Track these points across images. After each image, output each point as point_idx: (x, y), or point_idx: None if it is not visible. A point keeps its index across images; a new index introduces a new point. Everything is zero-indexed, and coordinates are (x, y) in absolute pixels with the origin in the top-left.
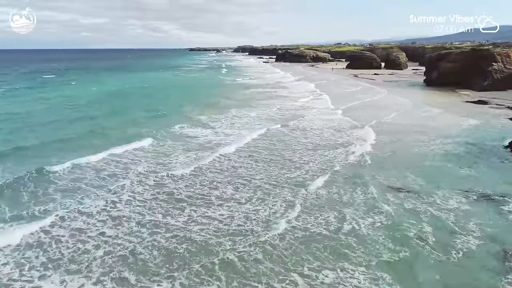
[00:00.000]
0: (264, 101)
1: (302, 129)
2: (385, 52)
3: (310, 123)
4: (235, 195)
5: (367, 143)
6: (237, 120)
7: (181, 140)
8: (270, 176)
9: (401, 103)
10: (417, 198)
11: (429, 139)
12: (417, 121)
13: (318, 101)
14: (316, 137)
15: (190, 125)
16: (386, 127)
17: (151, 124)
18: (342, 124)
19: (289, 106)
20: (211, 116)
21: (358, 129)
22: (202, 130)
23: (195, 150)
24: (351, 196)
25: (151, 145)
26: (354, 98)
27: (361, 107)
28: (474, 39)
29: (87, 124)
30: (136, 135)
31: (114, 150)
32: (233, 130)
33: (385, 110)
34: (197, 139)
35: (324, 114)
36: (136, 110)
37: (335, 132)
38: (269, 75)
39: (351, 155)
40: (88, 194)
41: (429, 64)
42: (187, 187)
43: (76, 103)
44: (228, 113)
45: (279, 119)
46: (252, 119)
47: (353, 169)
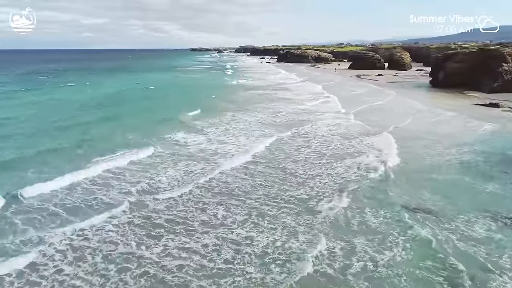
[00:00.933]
0: (271, 104)
1: (312, 136)
2: (388, 52)
3: (321, 128)
4: (225, 219)
5: (385, 153)
6: (244, 126)
7: (176, 149)
8: (269, 194)
9: (413, 106)
10: (437, 222)
11: (444, 148)
12: (429, 126)
13: (327, 104)
14: (328, 145)
15: (186, 131)
16: (405, 133)
17: (143, 132)
18: (356, 130)
19: (298, 110)
20: (214, 122)
21: (375, 135)
22: (199, 137)
23: (191, 161)
24: (361, 221)
25: (137, 159)
26: (364, 100)
27: (372, 111)
28: (476, 39)
29: (74, 133)
30: (124, 144)
31: (97, 167)
32: (238, 138)
33: (397, 114)
34: (197, 149)
35: (335, 118)
36: (129, 116)
37: (347, 140)
38: (273, 76)
39: (369, 167)
40: (54, 220)
41: (435, 64)
42: (169, 209)
43: (67, 107)
44: (234, 117)
45: (286, 124)
46: (259, 125)
47: (365, 185)
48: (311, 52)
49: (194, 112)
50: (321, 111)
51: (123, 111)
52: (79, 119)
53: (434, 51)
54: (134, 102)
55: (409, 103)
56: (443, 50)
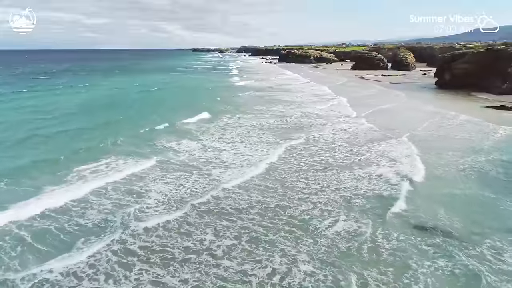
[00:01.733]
0: (280, 107)
1: (324, 143)
2: (392, 52)
3: (333, 134)
4: (211, 245)
5: (399, 162)
6: (252, 134)
7: (176, 162)
8: (265, 215)
9: (424, 109)
10: (459, 248)
11: (460, 156)
12: (444, 131)
13: (338, 108)
14: (335, 153)
15: (188, 140)
16: (421, 139)
17: (134, 140)
18: (371, 136)
19: (308, 113)
20: (219, 128)
21: (391, 142)
22: (204, 148)
23: (199, 176)
24: (372, 247)
25: (127, 174)
26: (373, 103)
27: (384, 114)
28: (479, 39)
29: (53, 145)
30: (111, 154)
31: (79, 186)
32: (248, 147)
33: (410, 118)
34: (193, 158)
35: (347, 123)
36: (123, 122)
37: (355, 147)
38: (279, 77)
39: (381, 179)
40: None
41: (442, 65)
42: (148, 233)
43: (56, 113)
44: (241, 123)
45: (297, 130)
46: (268, 132)
47: (375, 201)
48: (313, 52)
49: (198, 117)
50: (331, 114)
51: (117, 117)
52: (66, 126)
53: (438, 51)
54: (130, 106)
55: (420, 106)
56: (447, 50)
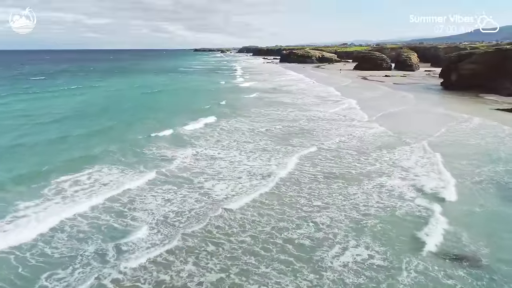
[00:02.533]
0: (289, 111)
1: (338, 151)
2: (395, 53)
3: (349, 139)
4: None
5: (414, 172)
6: (261, 142)
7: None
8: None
9: (436, 111)
10: (489, 283)
11: (476, 166)
12: (460, 137)
13: (350, 111)
14: (341, 162)
15: (181, 149)
16: (440, 146)
17: (126, 151)
18: (385, 142)
19: (318, 116)
20: (224, 135)
21: (408, 148)
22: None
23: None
24: (389, 284)
25: (111, 195)
26: (383, 105)
27: (397, 117)
28: (482, 39)
29: (36, 156)
30: (97, 163)
31: (52, 215)
32: (258, 157)
33: (425, 122)
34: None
35: (361, 127)
36: (114, 130)
37: (363, 154)
38: (283, 78)
39: (395, 194)
40: None
41: (448, 65)
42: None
43: (45, 119)
44: (250, 128)
45: (308, 135)
46: (284, 137)
47: (388, 221)
48: (314, 53)
49: (202, 122)
50: (344, 118)
51: (111, 122)
52: (54, 133)
53: (442, 51)
54: (126, 110)
55: (430, 108)
56: (452, 50)
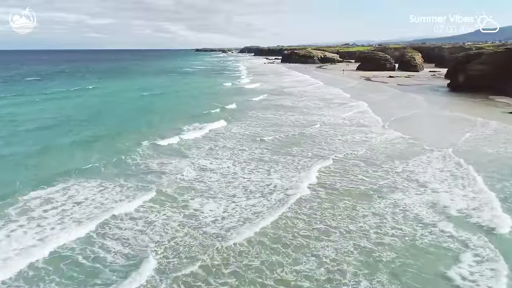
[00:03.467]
0: (302, 115)
1: (357, 163)
2: (399, 53)
3: (371, 146)
4: None
5: (431, 188)
6: (282, 152)
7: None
8: None
9: (449, 115)
10: None
11: (495, 180)
12: (485, 146)
13: (362, 115)
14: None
15: (182, 164)
16: (468, 155)
17: (110, 165)
18: (410, 151)
19: (333, 122)
20: (230, 142)
21: (430, 158)
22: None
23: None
24: None
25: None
26: (394, 107)
27: (412, 121)
28: (485, 39)
29: (8, 170)
30: (75, 180)
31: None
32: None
33: (444, 127)
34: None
35: (378, 133)
36: (102, 140)
37: (395, 164)
38: (288, 78)
39: (412, 218)
40: None
41: (455, 66)
42: None
43: (30, 125)
44: (263, 136)
45: (324, 143)
46: (302, 147)
47: (405, 261)
48: (316, 53)
49: (207, 128)
50: (359, 123)
51: (100, 131)
52: (35, 144)
53: (447, 52)
54: (120, 116)
55: (443, 112)
56: (456, 50)
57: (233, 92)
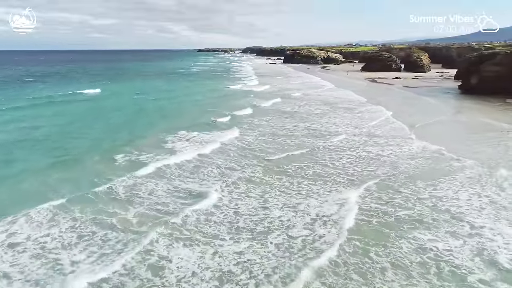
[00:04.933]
0: (323, 126)
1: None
2: (404, 53)
3: (417, 163)
4: None
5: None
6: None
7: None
8: None
9: (481, 121)
10: None
11: None
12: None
13: (389, 123)
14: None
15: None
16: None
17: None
18: (435, 166)
19: (366, 133)
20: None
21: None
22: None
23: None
24: None
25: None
26: (415, 113)
27: (439, 129)
28: (490, 39)
29: None
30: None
31: None
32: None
33: (475, 135)
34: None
35: (412, 146)
36: (72, 166)
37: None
38: (297, 81)
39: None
40: None
41: (467, 67)
42: None
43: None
44: (281, 149)
45: (362, 163)
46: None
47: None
48: (319, 53)
49: (207, 148)
50: (387, 135)
51: (74, 151)
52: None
53: (455, 52)
54: (105, 132)
55: (469, 118)
56: (465, 50)
57: (240, 96)
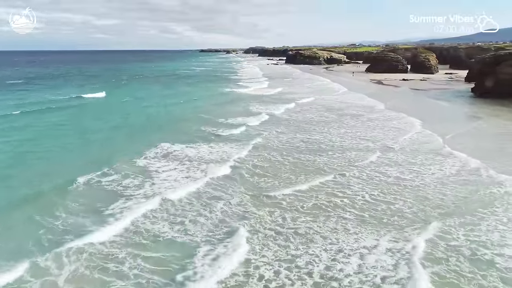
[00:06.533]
0: (341, 141)
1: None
2: (410, 53)
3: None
4: None
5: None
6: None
7: None
8: None
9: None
10: None
11: None
12: None
13: (422, 135)
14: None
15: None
16: None
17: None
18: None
19: (391, 146)
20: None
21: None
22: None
23: None
24: None
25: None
26: (440, 120)
27: (477, 142)
28: (496, 39)
29: None
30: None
31: None
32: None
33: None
34: None
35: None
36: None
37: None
38: (307, 83)
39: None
40: None
41: (481, 69)
42: None
43: None
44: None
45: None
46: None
47: None
48: (322, 53)
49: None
50: (424, 149)
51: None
52: None
53: (463, 52)
54: (70, 149)
55: (498, 129)
56: (474, 51)
57: (249, 100)
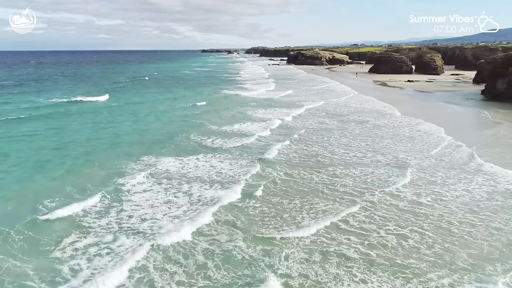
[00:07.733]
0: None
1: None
2: (415, 54)
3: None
4: None
5: None
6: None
7: None
8: None
9: None
10: None
11: None
12: None
13: (450, 149)
14: None
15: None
16: None
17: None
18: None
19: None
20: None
21: None
22: None
23: None
24: None
25: None
26: (461, 127)
27: (500, 151)
28: (500, 39)
29: None
30: None
31: None
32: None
33: None
34: None
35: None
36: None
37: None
38: (317, 86)
39: None
40: None
41: (493, 70)
42: None
43: None
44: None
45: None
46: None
47: None
48: (324, 54)
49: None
50: (455, 165)
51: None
52: None
53: (469, 52)
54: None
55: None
56: (481, 51)
57: (256, 105)
